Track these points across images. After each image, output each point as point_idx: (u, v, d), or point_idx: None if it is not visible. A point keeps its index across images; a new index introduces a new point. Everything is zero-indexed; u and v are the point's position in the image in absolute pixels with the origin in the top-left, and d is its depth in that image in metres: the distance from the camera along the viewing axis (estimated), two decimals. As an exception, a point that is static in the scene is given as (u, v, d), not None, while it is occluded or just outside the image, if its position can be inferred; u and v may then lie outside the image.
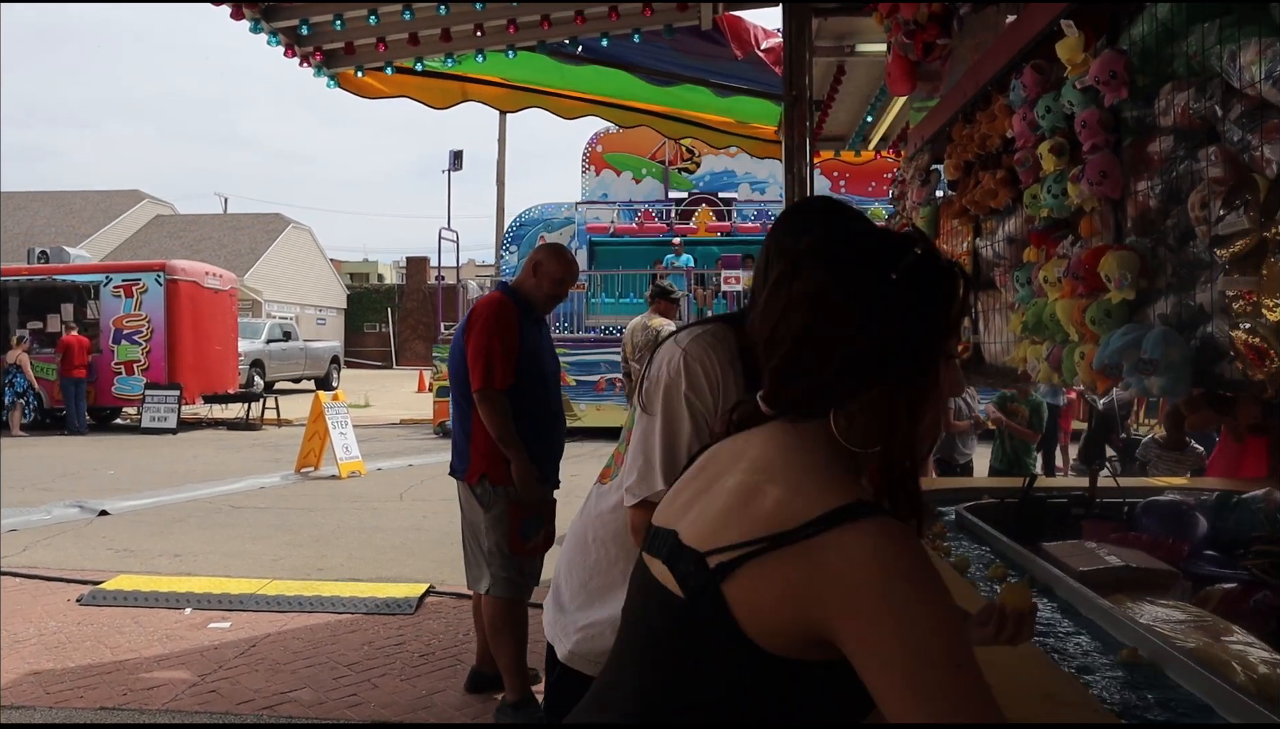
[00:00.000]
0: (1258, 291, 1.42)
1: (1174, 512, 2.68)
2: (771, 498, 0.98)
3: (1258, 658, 1.65)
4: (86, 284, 16.87)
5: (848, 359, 1.01)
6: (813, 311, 1.03)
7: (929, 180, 3.61)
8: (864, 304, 1.01)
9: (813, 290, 1.04)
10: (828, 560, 0.92)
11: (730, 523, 0.99)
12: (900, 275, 1.02)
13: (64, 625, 5.03)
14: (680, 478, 1.18)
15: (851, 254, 1.06)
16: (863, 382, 1.02)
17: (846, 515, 0.93)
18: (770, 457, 1.04)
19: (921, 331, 1.02)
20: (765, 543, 0.94)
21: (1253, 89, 1.44)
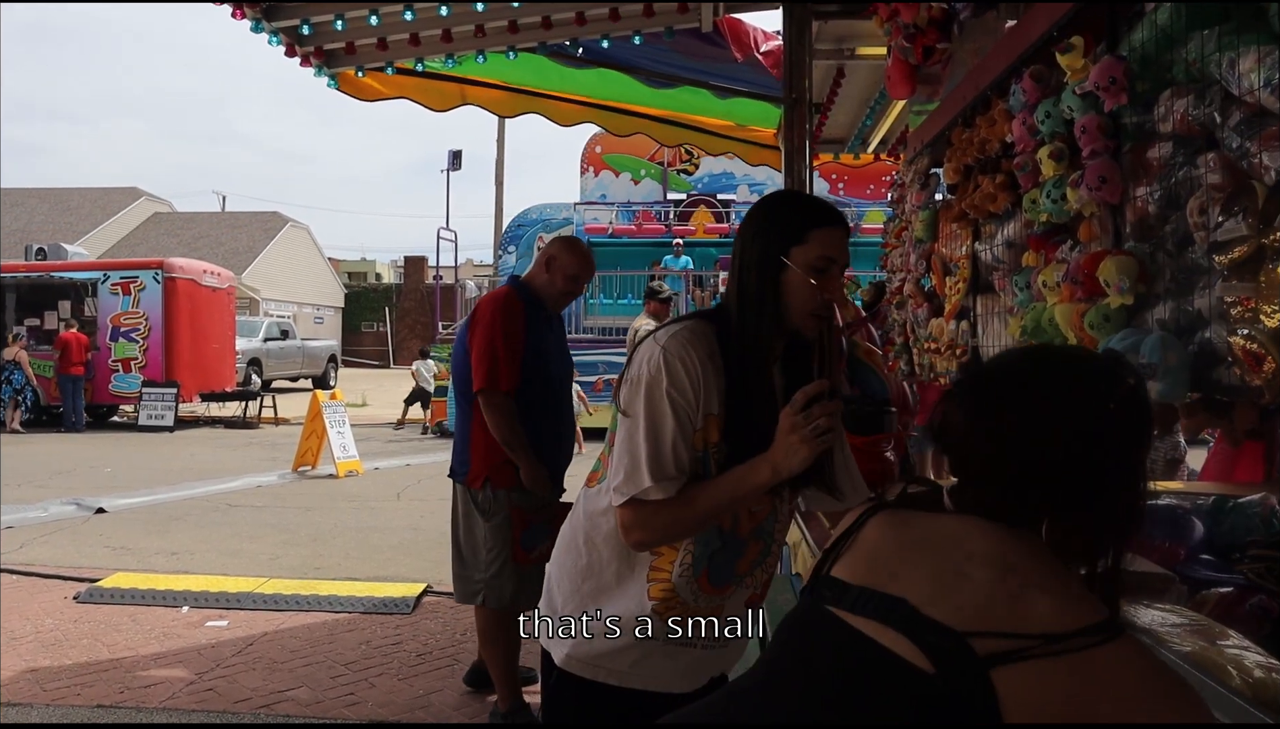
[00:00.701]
0: (1255, 297, 1.43)
1: (1170, 516, 2.68)
2: (1044, 604, 1.00)
3: (1254, 662, 1.66)
4: (84, 281, 16.85)
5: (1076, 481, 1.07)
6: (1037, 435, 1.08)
7: (928, 184, 3.63)
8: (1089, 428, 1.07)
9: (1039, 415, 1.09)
10: (1103, 673, 0.96)
11: (995, 615, 1.00)
12: (1117, 405, 1.08)
13: (61, 623, 5.03)
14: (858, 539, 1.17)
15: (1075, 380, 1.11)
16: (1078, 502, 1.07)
17: (1110, 630, 0.97)
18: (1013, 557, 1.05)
19: (1135, 463, 1.08)
20: (1039, 641, 0.96)
21: (1251, 96, 1.46)
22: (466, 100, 5.66)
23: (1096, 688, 0.96)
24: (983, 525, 1.10)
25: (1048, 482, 1.07)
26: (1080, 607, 1.00)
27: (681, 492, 1.63)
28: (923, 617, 1.02)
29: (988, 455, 1.11)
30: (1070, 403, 1.08)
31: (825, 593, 1.14)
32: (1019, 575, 1.02)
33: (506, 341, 3.42)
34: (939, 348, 3.36)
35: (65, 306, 16.80)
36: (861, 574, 1.12)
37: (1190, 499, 2.91)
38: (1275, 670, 1.64)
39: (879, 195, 15.90)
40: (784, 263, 1.64)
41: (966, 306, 3.19)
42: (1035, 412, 1.09)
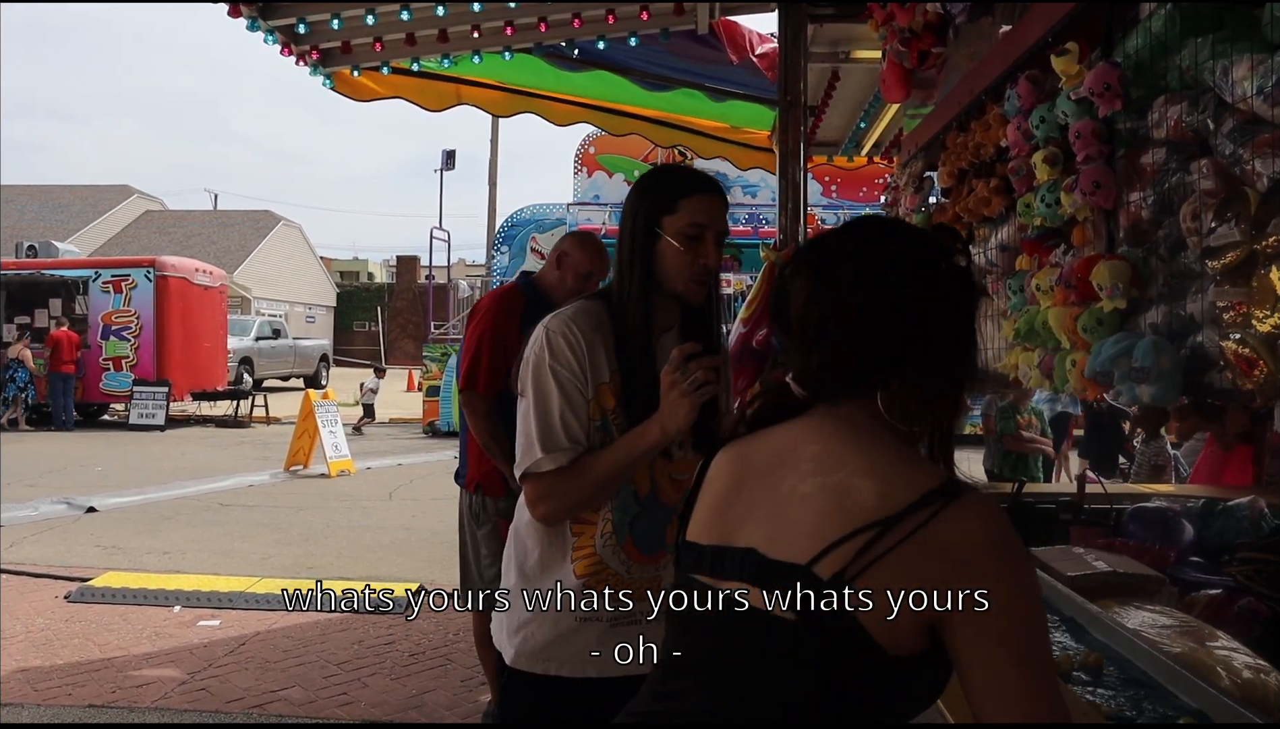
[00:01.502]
0: (1247, 303, 1.45)
1: (1160, 518, 2.71)
2: (868, 491, 0.99)
3: (1242, 663, 1.68)
4: (75, 279, 16.78)
5: (905, 339, 1.07)
6: (873, 294, 1.08)
7: (922, 187, 3.64)
8: (922, 289, 1.08)
9: (873, 274, 1.09)
10: (943, 541, 0.95)
11: (827, 524, 0.99)
12: (947, 265, 1.10)
13: (52, 623, 5.01)
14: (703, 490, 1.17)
15: (905, 244, 1.13)
16: (914, 362, 1.07)
17: (946, 495, 0.97)
18: (839, 449, 1.05)
19: (964, 318, 1.10)
20: (876, 529, 0.95)
21: (1244, 103, 1.47)
22: (462, 100, 5.65)
23: (939, 555, 0.95)
24: (813, 424, 1.10)
25: (879, 341, 1.07)
26: (909, 478, 0.99)
27: (578, 460, 1.68)
28: (770, 562, 1.01)
29: (819, 320, 1.10)
30: (900, 263, 1.10)
31: (686, 560, 1.13)
32: (845, 468, 1.02)
33: (494, 342, 3.32)
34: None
35: (56, 304, 16.72)
36: (713, 530, 1.11)
37: (1180, 502, 2.93)
38: (1264, 671, 1.66)
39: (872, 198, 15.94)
40: (656, 233, 1.71)
41: (960, 309, 3.20)
42: (865, 272, 1.09)
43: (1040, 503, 3.15)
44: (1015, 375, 2.48)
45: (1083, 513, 2.99)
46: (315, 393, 10.98)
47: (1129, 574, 2.22)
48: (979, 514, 0.97)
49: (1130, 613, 1.97)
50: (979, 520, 0.96)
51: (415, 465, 11.28)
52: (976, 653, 0.94)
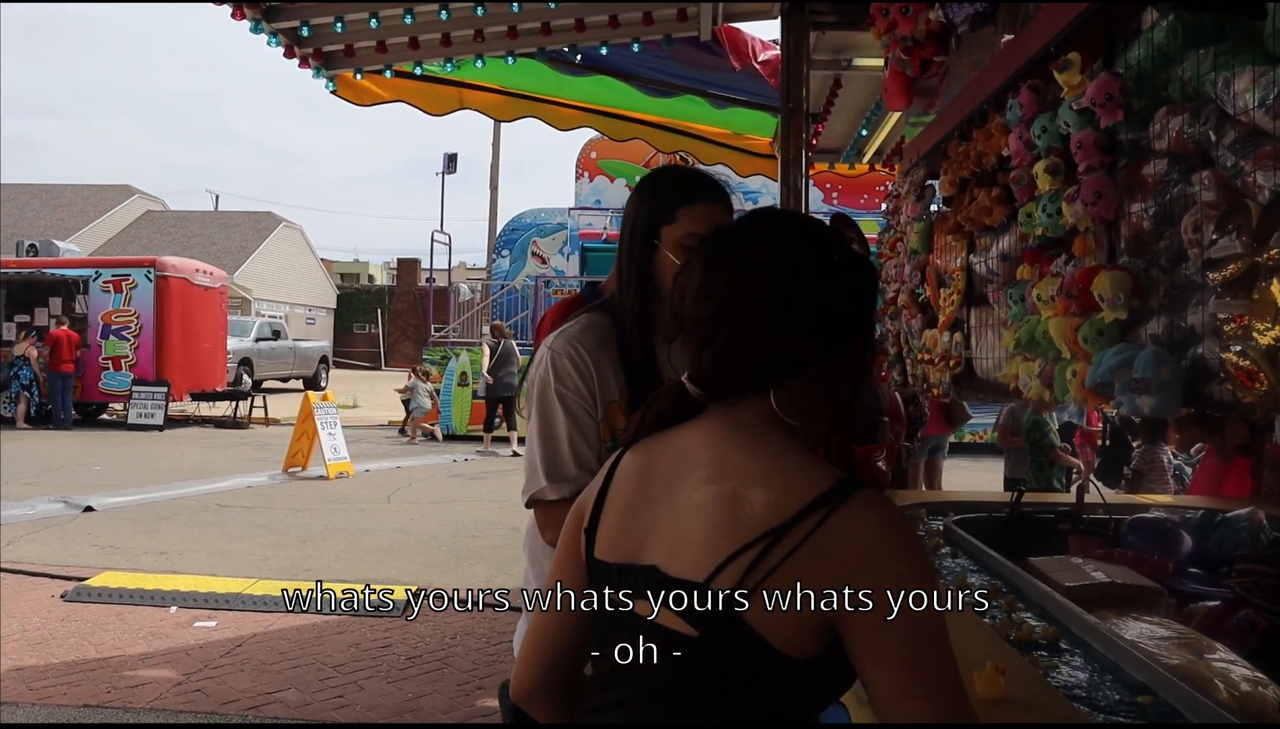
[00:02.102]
0: (1249, 315, 1.45)
1: (1159, 529, 2.71)
2: (758, 502, 0.98)
3: (1240, 676, 1.68)
4: (75, 278, 16.79)
5: (797, 336, 1.05)
6: (764, 289, 1.05)
7: (924, 195, 3.64)
8: (812, 283, 1.06)
9: (764, 269, 1.06)
10: (832, 544, 0.94)
11: (720, 538, 0.98)
12: (840, 259, 1.07)
13: (48, 622, 5.00)
14: (608, 500, 1.12)
15: (795, 236, 1.10)
16: (808, 359, 1.05)
17: (837, 497, 0.96)
18: (732, 457, 1.04)
19: (858, 313, 1.08)
20: (766, 541, 0.95)
21: (1246, 115, 1.47)
22: (464, 104, 5.66)
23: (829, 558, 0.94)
24: (707, 427, 1.08)
25: (770, 338, 1.05)
26: (798, 484, 0.98)
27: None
28: (671, 580, 1.00)
29: (710, 317, 1.08)
30: (791, 256, 1.07)
31: (597, 577, 1.10)
32: (736, 476, 1.01)
33: None
34: (932, 359, 3.37)
35: (56, 303, 16.73)
36: (619, 546, 1.08)
37: (1179, 513, 2.93)
38: (1261, 684, 1.66)
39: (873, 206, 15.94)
40: (654, 244, 1.64)
41: (960, 319, 3.20)
42: (754, 266, 1.07)
43: (1039, 513, 3.15)
44: (1015, 385, 2.47)
45: (1081, 523, 2.99)
46: (314, 394, 10.97)
47: (1127, 585, 2.22)
48: (867, 515, 0.95)
49: (1128, 624, 1.97)
50: (866, 521, 0.95)
51: (414, 468, 11.27)
52: (869, 652, 0.93)
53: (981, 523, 2.98)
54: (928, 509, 3.20)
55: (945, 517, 3.06)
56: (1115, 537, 2.81)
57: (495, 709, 3.93)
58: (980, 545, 2.61)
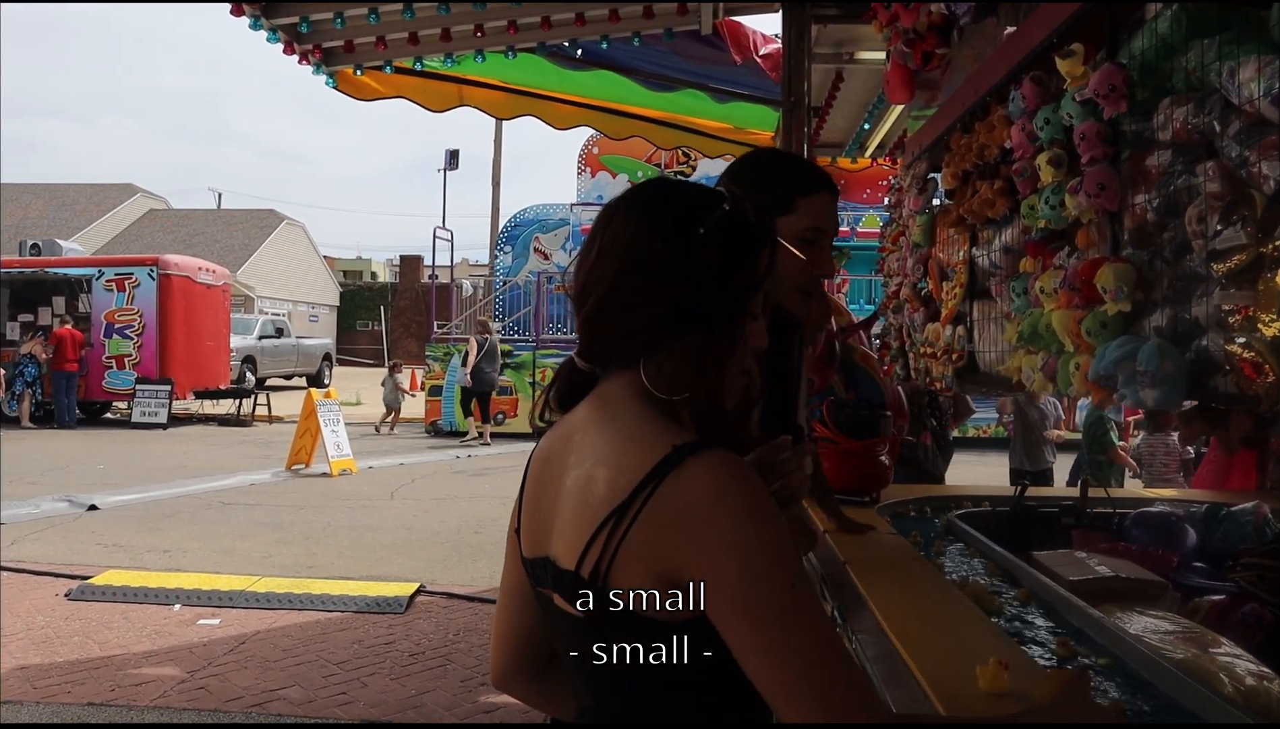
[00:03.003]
0: (1254, 306, 1.43)
1: (1163, 523, 2.69)
2: (602, 481, 0.99)
3: (1245, 670, 1.66)
4: (78, 278, 16.81)
5: (657, 307, 1.03)
6: (624, 260, 1.04)
7: (926, 188, 3.63)
8: (674, 254, 1.03)
9: (625, 239, 1.05)
10: (664, 513, 0.94)
11: (579, 524, 0.99)
12: (708, 230, 1.03)
13: (52, 620, 5.01)
14: (525, 489, 1.14)
15: (662, 206, 1.08)
16: (671, 330, 1.03)
17: (670, 464, 0.95)
18: (593, 438, 1.04)
19: (728, 285, 1.04)
20: (611, 521, 0.95)
21: (1251, 105, 1.46)
22: (464, 101, 5.65)
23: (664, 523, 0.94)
24: (588, 406, 1.08)
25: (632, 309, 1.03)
26: (636, 458, 0.97)
27: None
28: (560, 571, 1.02)
29: (580, 290, 1.08)
30: (651, 227, 1.05)
31: (529, 576, 1.13)
32: (591, 458, 1.01)
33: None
34: (935, 353, 3.36)
35: (59, 303, 16.77)
36: (531, 540, 1.10)
37: (1184, 507, 2.92)
38: (1267, 678, 1.65)
39: (876, 199, 15.91)
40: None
41: (963, 312, 3.19)
42: (618, 237, 1.06)
43: (1043, 507, 3.14)
44: (1018, 379, 2.46)
45: (1085, 517, 2.98)
46: (318, 392, 10.98)
47: (1131, 579, 2.20)
48: (696, 474, 0.94)
49: (1132, 618, 1.96)
50: (696, 480, 0.93)
51: (417, 465, 11.28)
52: (716, 614, 0.92)
53: (985, 517, 2.96)
54: (931, 503, 3.19)
55: (948, 511, 3.05)
56: (1119, 531, 2.80)
57: (498, 706, 3.93)
58: (984, 539, 2.60)
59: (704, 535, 0.92)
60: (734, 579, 0.91)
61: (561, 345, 14.91)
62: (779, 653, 0.90)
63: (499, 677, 1.25)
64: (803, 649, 0.90)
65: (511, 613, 1.22)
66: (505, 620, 1.23)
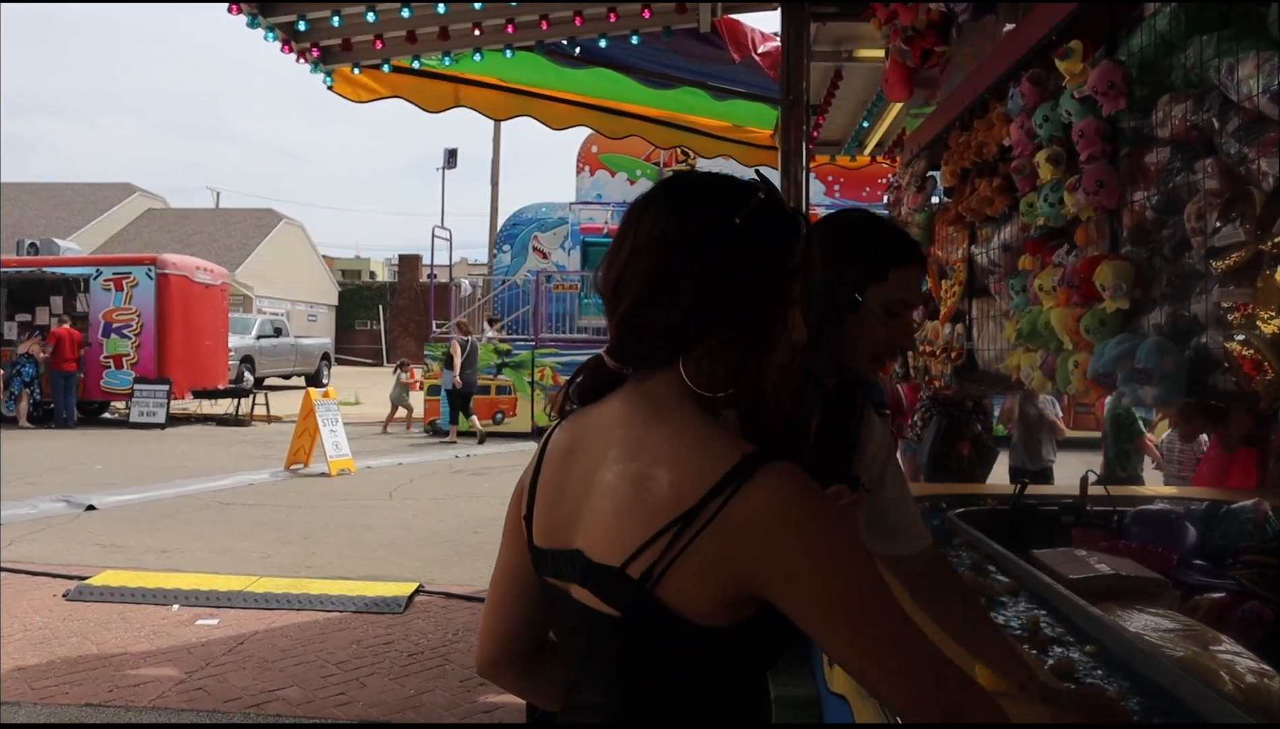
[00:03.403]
0: (1252, 304, 1.43)
1: (1163, 521, 2.69)
2: (665, 482, 0.97)
3: (1245, 667, 1.66)
4: (76, 277, 16.78)
5: (694, 303, 1.01)
6: (659, 255, 1.02)
7: (925, 186, 3.63)
8: (710, 247, 1.01)
9: (658, 234, 1.04)
10: (737, 524, 0.93)
11: (632, 521, 0.98)
12: (743, 220, 1.02)
13: (50, 621, 5.00)
14: (541, 478, 1.12)
15: (695, 199, 1.06)
16: (710, 326, 1.02)
17: (742, 475, 0.94)
18: (641, 434, 1.02)
19: (765, 275, 1.02)
20: (676, 526, 0.95)
21: (1250, 102, 1.45)
22: (460, 102, 5.64)
23: (736, 537, 0.94)
24: (621, 403, 1.06)
25: (670, 305, 1.01)
26: (704, 463, 0.96)
27: None
28: (594, 565, 1.01)
29: (614, 286, 1.06)
30: (683, 220, 1.03)
31: (538, 564, 1.11)
32: (643, 455, 1.00)
33: None
34: (934, 351, 3.36)
35: (57, 302, 16.73)
36: (550, 532, 1.09)
37: (1184, 504, 2.91)
38: (1267, 676, 1.65)
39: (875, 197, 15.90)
40: (857, 299, 1.52)
41: (962, 310, 3.19)
42: (651, 231, 1.04)
43: (1043, 505, 3.14)
44: (1017, 376, 2.46)
45: (1085, 515, 2.98)
46: (316, 391, 10.97)
47: (1131, 577, 2.20)
48: (768, 485, 0.94)
49: (1133, 616, 1.95)
50: (768, 491, 0.94)
51: (416, 465, 11.27)
52: (808, 621, 0.94)
53: (985, 515, 2.96)
54: (930, 502, 3.18)
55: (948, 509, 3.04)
56: (1119, 528, 2.80)
57: (497, 706, 3.93)
58: (983, 538, 2.60)
59: (786, 547, 0.93)
60: (823, 583, 0.93)
61: (560, 344, 14.90)
62: (872, 643, 0.93)
63: (486, 663, 1.24)
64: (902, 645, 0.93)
65: (506, 599, 1.20)
66: (498, 607, 1.21)
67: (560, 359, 14.47)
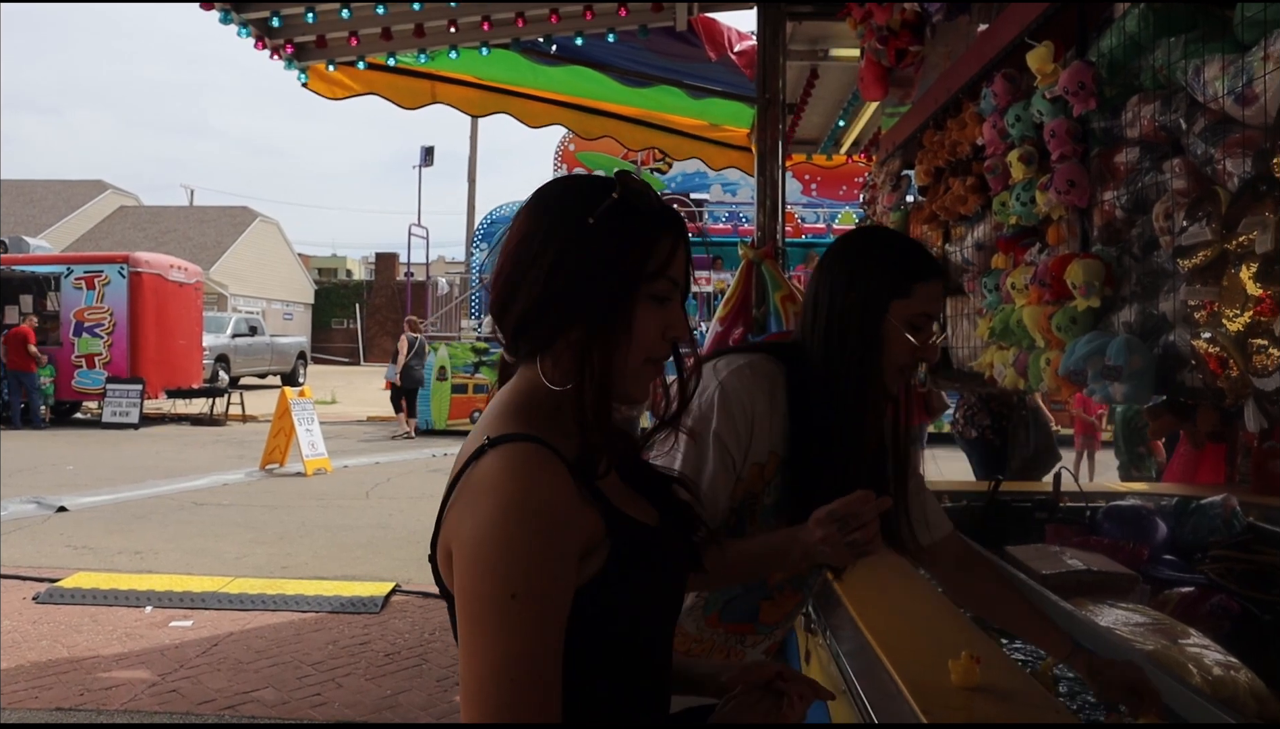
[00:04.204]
0: (1218, 302, 1.45)
1: (1134, 517, 2.73)
2: (458, 457, 1.05)
3: (1213, 660, 1.69)
4: (47, 275, 16.56)
5: (540, 301, 1.04)
6: (514, 255, 1.08)
7: (900, 185, 3.65)
8: (556, 247, 1.04)
9: (517, 236, 1.09)
10: (464, 486, 0.99)
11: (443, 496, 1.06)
12: (597, 220, 1.04)
13: (19, 624, 4.93)
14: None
15: (552, 200, 1.10)
16: (560, 323, 1.04)
17: (483, 449, 0.99)
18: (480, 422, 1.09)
19: (614, 274, 1.04)
20: (444, 502, 1.02)
21: (1215, 104, 1.47)
22: (437, 99, 5.61)
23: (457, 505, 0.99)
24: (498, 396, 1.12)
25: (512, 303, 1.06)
26: (473, 442, 1.02)
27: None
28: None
29: (490, 280, 1.12)
30: (537, 221, 1.07)
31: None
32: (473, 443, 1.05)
33: None
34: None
35: (27, 301, 16.49)
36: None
37: (1154, 500, 2.95)
38: (1234, 668, 1.67)
39: (851, 196, 16.00)
40: (882, 313, 1.53)
41: (936, 308, 3.21)
42: (513, 233, 1.09)
43: (1016, 502, 3.17)
44: (990, 374, 2.48)
45: (1058, 511, 3.01)
46: (292, 391, 10.88)
47: (1103, 572, 2.23)
48: (492, 459, 0.97)
49: (1104, 611, 1.98)
50: (485, 466, 0.97)
51: (392, 464, 11.20)
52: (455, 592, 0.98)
53: (959, 512, 2.98)
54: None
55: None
56: (1091, 524, 2.83)
57: (475, 705, 3.92)
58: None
59: (466, 518, 0.96)
60: (464, 566, 0.95)
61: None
62: (473, 652, 0.92)
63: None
64: (494, 660, 0.91)
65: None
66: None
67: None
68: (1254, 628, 2.15)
